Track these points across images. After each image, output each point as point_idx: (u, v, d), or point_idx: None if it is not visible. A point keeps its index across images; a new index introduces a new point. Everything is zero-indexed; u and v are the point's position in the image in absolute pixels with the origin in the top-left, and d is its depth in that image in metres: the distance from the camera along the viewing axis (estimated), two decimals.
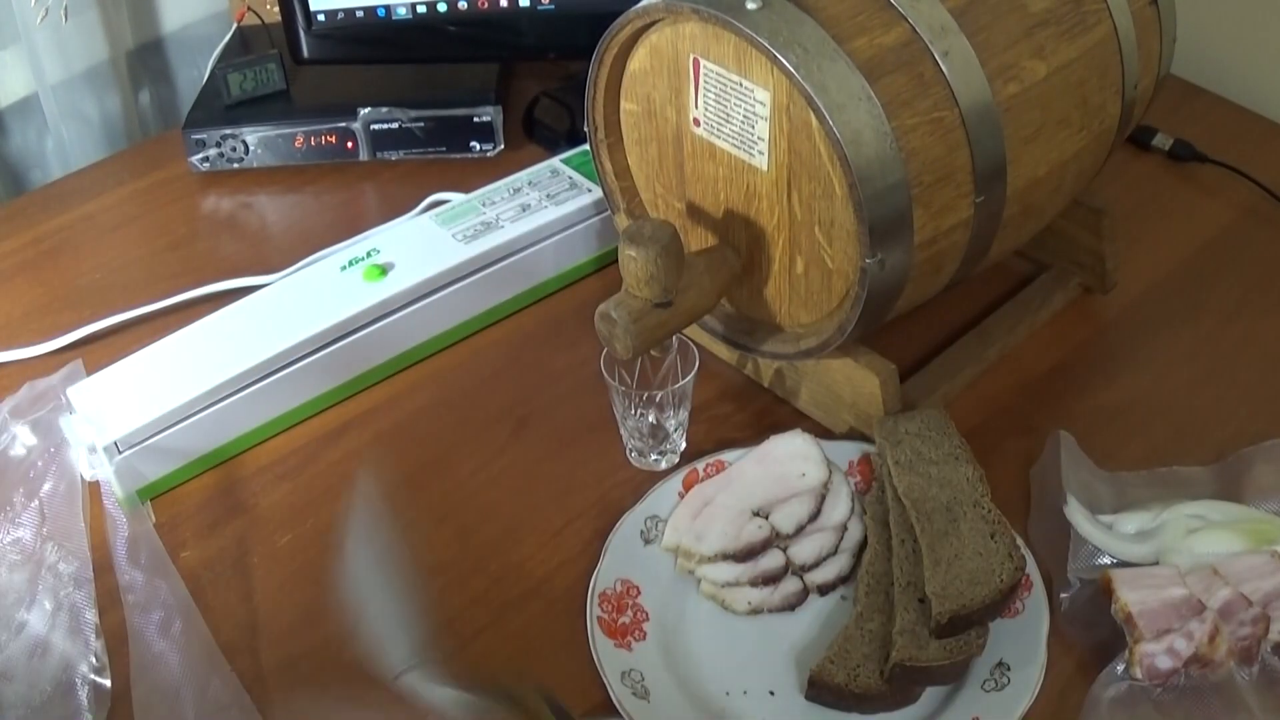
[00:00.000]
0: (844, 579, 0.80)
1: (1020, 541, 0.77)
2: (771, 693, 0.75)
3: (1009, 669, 0.72)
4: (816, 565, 0.80)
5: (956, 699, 0.72)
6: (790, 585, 0.80)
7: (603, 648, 0.76)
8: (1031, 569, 0.77)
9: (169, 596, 0.79)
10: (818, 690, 0.73)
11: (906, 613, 0.73)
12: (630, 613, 0.78)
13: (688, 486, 0.85)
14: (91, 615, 0.79)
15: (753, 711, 0.74)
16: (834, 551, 0.81)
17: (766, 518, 0.81)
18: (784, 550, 0.81)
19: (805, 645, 0.77)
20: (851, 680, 0.72)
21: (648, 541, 0.83)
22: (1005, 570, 0.73)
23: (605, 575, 0.80)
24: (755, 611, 0.79)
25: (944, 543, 0.75)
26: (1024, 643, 0.73)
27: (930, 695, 0.73)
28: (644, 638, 0.77)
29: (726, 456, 0.86)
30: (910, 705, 0.73)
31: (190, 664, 0.75)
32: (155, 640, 0.77)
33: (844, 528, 0.81)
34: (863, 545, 0.81)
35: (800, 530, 0.81)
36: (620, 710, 0.72)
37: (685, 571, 0.81)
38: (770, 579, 0.79)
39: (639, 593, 0.80)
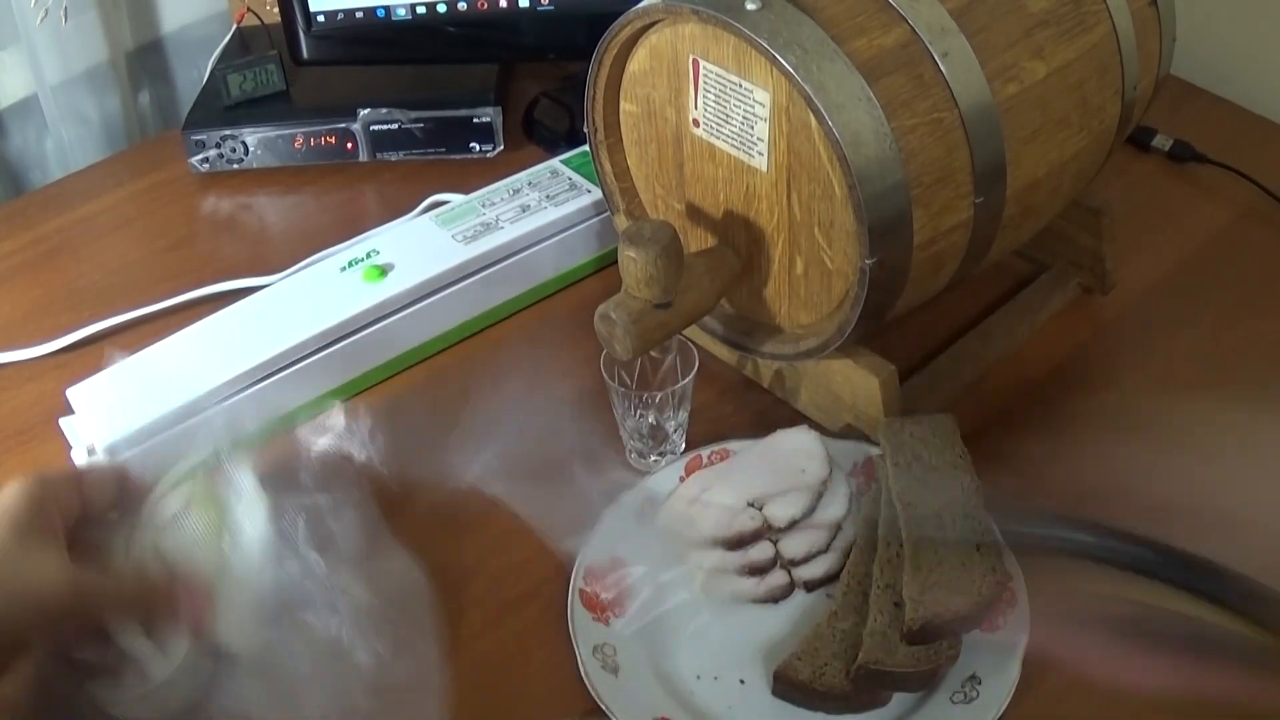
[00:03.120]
0: (832, 577, 0.80)
1: (1011, 557, 0.75)
2: (742, 681, 0.75)
3: (980, 682, 0.71)
4: (806, 561, 0.80)
5: (924, 707, 0.71)
6: (777, 578, 0.79)
7: (580, 619, 0.76)
8: (1019, 585, 0.75)
9: None
10: (783, 685, 0.73)
11: (880, 615, 0.73)
12: (614, 589, 0.79)
13: (690, 471, 0.85)
14: None
15: (720, 698, 0.74)
16: (825, 549, 0.80)
17: (761, 509, 0.81)
18: (774, 543, 0.81)
19: (783, 639, 0.77)
20: (816, 678, 0.72)
21: (642, 521, 0.83)
22: (986, 584, 0.71)
23: (595, 549, 0.80)
24: (739, 600, 0.79)
25: (929, 549, 0.74)
26: (999, 658, 0.72)
27: (898, 700, 0.72)
28: (623, 614, 0.78)
29: (731, 445, 0.87)
30: (877, 709, 0.72)
31: None
32: None
33: (838, 527, 0.81)
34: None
35: (793, 525, 0.81)
36: (586, 682, 0.72)
37: (675, 554, 0.81)
38: (758, 570, 0.79)
39: (626, 570, 0.80)
